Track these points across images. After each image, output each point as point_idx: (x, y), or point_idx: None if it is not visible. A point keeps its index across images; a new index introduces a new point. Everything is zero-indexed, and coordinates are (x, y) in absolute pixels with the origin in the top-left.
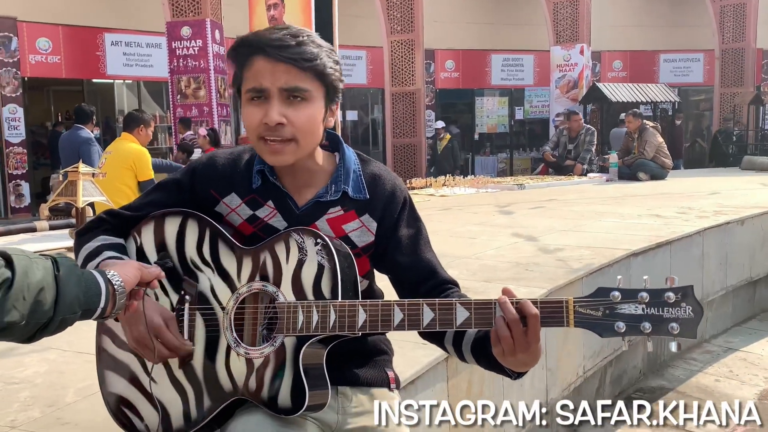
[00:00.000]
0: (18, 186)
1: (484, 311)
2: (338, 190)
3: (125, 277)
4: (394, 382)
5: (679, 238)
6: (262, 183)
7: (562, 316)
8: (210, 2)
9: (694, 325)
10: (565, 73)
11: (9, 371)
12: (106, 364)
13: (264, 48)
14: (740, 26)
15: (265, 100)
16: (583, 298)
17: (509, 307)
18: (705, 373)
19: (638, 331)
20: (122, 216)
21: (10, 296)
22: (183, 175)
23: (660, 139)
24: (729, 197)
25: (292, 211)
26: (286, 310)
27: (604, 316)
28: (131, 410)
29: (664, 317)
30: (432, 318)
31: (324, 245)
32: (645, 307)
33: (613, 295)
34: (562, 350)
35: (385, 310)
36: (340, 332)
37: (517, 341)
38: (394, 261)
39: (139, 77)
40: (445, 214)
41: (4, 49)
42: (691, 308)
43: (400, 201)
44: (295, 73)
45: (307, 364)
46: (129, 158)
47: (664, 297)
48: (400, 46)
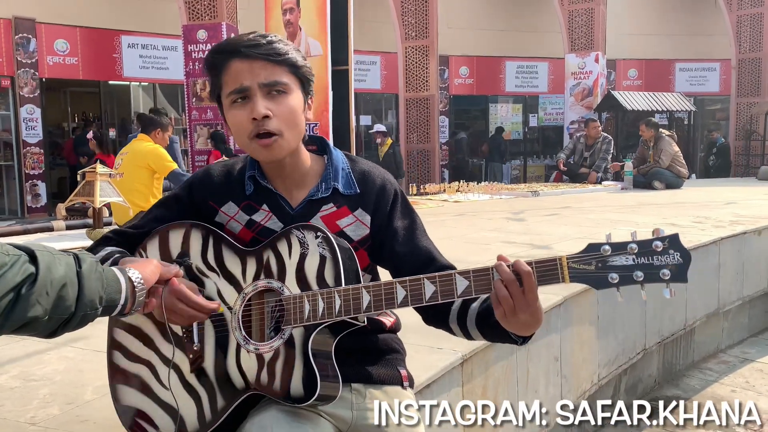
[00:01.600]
0: (35, 186)
1: (483, 277)
2: (329, 188)
3: (145, 275)
4: (407, 380)
5: (695, 248)
6: (254, 188)
7: (557, 272)
8: (226, 6)
9: (684, 269)
10: (580, 81)
11: (28, 369)
12: (119, 380)
13: (239, 50)
14: (757, 36)
15: (247, 99)
16: (576, 254)
17: (505, 269)
18: (721, 384)
19: (631, 280)
20: (127, 234)
21: (34, 291)
22: (181, 190)
23: (676, 148)
24: (745, 207)
25: (286, 212)
26: (293, 302)
27: (597, 269)
28: (146, 421)
29: (654, 264)
30: (433, 291)
31: (324, 237)
32: (635, 257)
33: (603, 248)
34: (578, 357)
35: (388, 289)
36: (346, 316)
37: (516, 300)
38: (393, 252)
39: (155, 79)
40: (459, 220)
41: (23, 50)
42: (680, 254)
43: (391, 193)
44: (271, 68)
45: (316, 351)
46: (145, 158)
47: (653, 246)
48: (415, 51)
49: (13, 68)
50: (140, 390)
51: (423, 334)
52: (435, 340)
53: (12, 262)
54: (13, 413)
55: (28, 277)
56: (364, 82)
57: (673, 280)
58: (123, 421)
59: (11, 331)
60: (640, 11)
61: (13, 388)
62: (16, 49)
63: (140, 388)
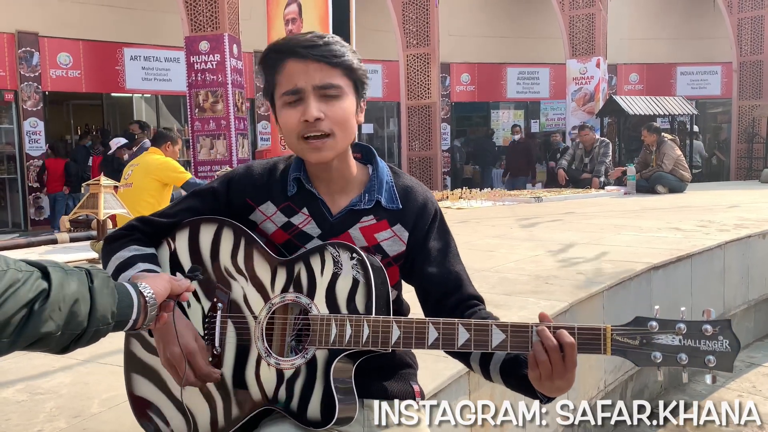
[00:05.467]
0: (38, 199)
1: (521, 334)
2: (372, 199)
3: (156, 290)
4: (419, 396)
5: (700, 252)
6: (297, 190)
7: (600, 343)
8: (228, 17)
9: (730, 358)
10: (582, 86)
11: (34, 382)
12: (134, 368)
13: (294, 50)
14: (758, 39)
15: (300, 100)
16: (621, 326)
17: (548, 335)
18: (727, 389)
19: (675, 362)
20: (154, 223)
21: (46, 307)
22: (219, 184)
23: (678, 152)
24: (749, 210)
25: (326, 218)
26: (319, 323)
27: (641, 345)
28: (157, 415)
29: (700, 349)
30: (467, 339)
31: (360, 260)
32: (682, 338)
33: (650, 325)
34: (585, 364)
35: (420, 329)
36: (373, 347)
37: (555, 367)
38: (423, 271)
39: (157, 91)
40: (462, 227)
41: (26, 63)
42: (728, 342)
43: (431, 213)
44: (326, 70)
45: (338, 378)
46: (155, 170)
47: (702, 329)
48: (416, 59)
49: (16, 82)
50: (155, 384)
51: None
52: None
53: (25, 279)
54: (20, 427)
55: (40, 293)
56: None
57: (717, 369)
58: (134, 410)
59: (24, 347)
60: (640, 15)
61: (20, 402)
62: (19, 63)
63: (155, 382)
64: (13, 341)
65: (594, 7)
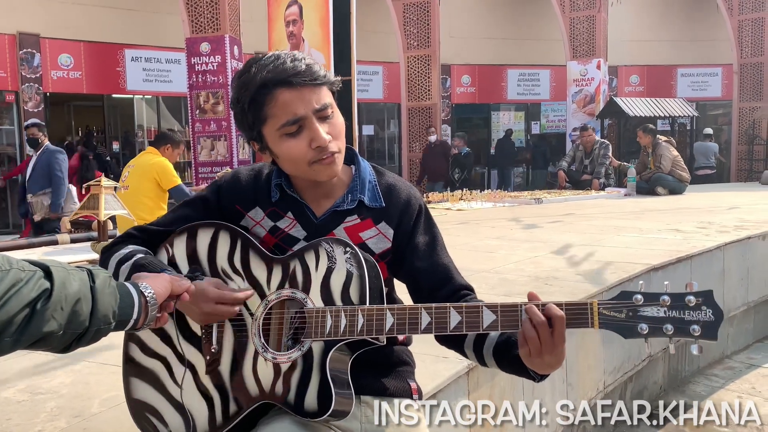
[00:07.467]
0: None
1: (510, 313)
2: (354, 199)
3: (157, 290)
4: (417, 393)
5: (700, 253)
6: (280, 196)
7: (587, 317)
8: (229, 19)
9: (714, 327)
10: (582, 88)
11: (35, 382)
12: (133, 372)
13: (285, 80)
14: (759, 40)
15: (302, 128)
16: (607, 300)
17: (535, 311)
18: (727, 390)
19: (661, 333)
20: (150, 231)
21: (48, 306)
22: (210, 193)
23: (675, 153)
24: (749, 212)
25: (310, 220)
26: (315, 315)
27: (627, 318)
28: (156, 417)
29: (685, 320)
30: (459, 321)
31: (353, 254)
32: (667, 309)
33: (635, 298)
34: (583, 365)
35: (413, 314)
36: (368, 335)
37: (544, 342)
38: (412, 266)
39: (158, 92)
40: (462, 228)
41: (27, 65)
42: (712, 311)
43: (416, 209)
44: (317, 92)
45: (333, 368)
46: (151, 171)
47: (686, 300)
48: (417, 61)
49: (17, 83)
50: (153, 386)
51: (429, 343)
52: (441, 349)
53: (27, 278)
54: (20, 427)
55: (43, 293)
56: (367, 92)
57: (703, 337)
58: (133, 414)
59: (26, 346)
60: (641, 17)
61: (21, 402)
62: (20, 64)
63: (153, 384)
64: (15, 340)
65: (594, 8)
